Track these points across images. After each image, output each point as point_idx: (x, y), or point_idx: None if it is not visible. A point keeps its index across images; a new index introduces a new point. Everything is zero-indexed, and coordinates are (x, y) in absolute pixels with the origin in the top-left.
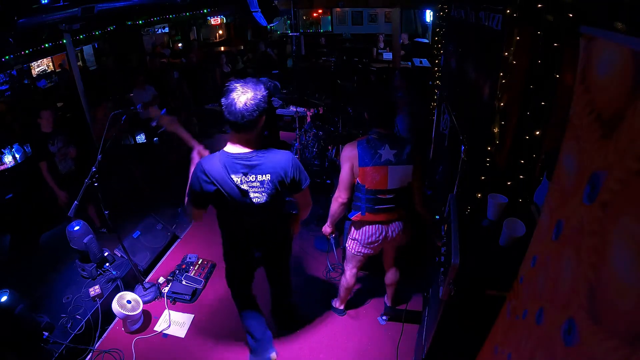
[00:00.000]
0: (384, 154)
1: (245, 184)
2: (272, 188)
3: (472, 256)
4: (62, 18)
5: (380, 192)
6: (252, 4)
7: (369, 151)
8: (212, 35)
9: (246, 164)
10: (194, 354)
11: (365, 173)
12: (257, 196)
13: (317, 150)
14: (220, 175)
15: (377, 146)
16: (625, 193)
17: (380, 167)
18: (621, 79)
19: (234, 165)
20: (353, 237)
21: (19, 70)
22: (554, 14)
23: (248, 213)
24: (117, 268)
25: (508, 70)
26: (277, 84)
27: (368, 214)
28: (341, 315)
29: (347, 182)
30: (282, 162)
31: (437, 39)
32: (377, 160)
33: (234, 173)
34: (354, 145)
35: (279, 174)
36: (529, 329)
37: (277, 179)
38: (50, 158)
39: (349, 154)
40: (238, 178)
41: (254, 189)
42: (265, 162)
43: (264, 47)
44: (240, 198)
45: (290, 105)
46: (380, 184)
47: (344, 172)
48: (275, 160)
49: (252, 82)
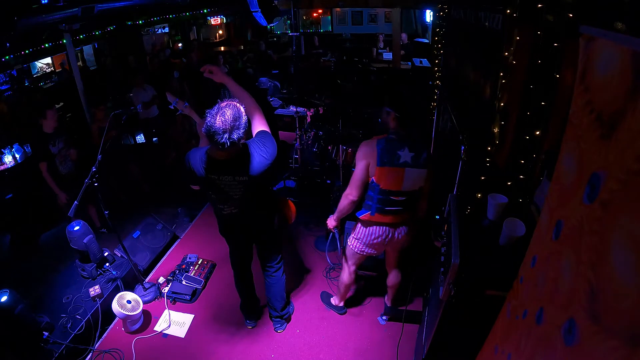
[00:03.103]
0: (403, 156)
1: (220, 181)
2: (251, 185)
3: (472, 256)
4: (62, 18)
5: (393, 194)
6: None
7: (388, 151)
8: (212, 35)
9: (223, 168)
10: (194, 354)
11: (382, 173)
12: (235, 192)
13: (317, 150)
14: (198, 169)
15: (396, 147)
16: (625, 193)
17: (398, 169)
18: (621, 79)
19: (210, 166)
20: (357, 236)
21: (19, 70)
22: (554, 14)
23: (227, 204)
24: (117, 268)
25: (508, 70)
26: (277, 84)
27: (377, 214)
28: (341, 314)
29: (361, 180)
30: (263, 162)
31: (437, 39)
32: (396, 161)
33: (210, 173)
34: (373, 144)
35: (259, 172)
36: (529, 329)
37: (256, 178)
38: (50, 159)
39: (368, 152)
40: (214, 177)
41: (232, 187)
42: (245, 165)
43: (264, 46)
44: (217, 193)
45: (290, 105)
46: (395, 185)
47: (359, 170)
48: (255, 162)
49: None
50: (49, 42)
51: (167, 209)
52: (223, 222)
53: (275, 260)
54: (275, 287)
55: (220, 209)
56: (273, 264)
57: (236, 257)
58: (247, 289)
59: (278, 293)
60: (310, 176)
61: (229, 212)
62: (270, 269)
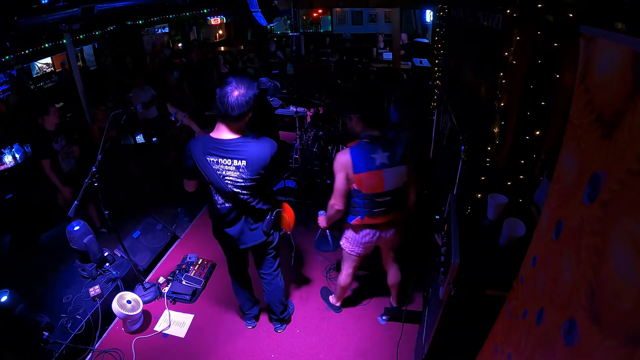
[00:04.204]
0: (378, 158)
1: (219, 165)
2: (248, 175)
3: (472, 256)
4: (62, 18)
5: (378, 196)
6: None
7: (362, 157)
8: (212, 35)
9: (223, 148)
10: (194, 354)
11: (361, 179)
12: (232, 180)
13: (317, 150)
14: (198, 154)
15: (370, 150)
16: (625, 193)
17: (376, 172)
18: (621, 79)
19: (211, 148)
20: (347, 237)
21: (19, 70)
22: (554, 14)
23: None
24: (117, 268)
25: (508, 70)
26: (277, 84)
27: (367, 217)
28: (337, 312)
29: (343, 190)
30: (262, 152)
31: (437, 39)
32: (372, 165)
33: (209, 155)
34: (347, 153)
35: (257, 162)
36: (529, 329)
37: (254, 167)
38: (53, 156)
39: (342, 162)
40: (213, 159)
41: (229, 172)
42: (244, 149)
43: (274, 47)
44: (214, 178)
45: (290, 105)
46: (376, 188)
47: (339, 181)
48: (254, 149)
49: (247, 81)
50: (49, 42)
51: (167, 209)
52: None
53: (272, 268)
54: (274, 294)
55: (215, 202)
56: (270, 272)
57: (232, 263)
58: (245, 293)
59: (277, 299)
60: (310, 176)
61: (222, 205)
62: (267, 277)
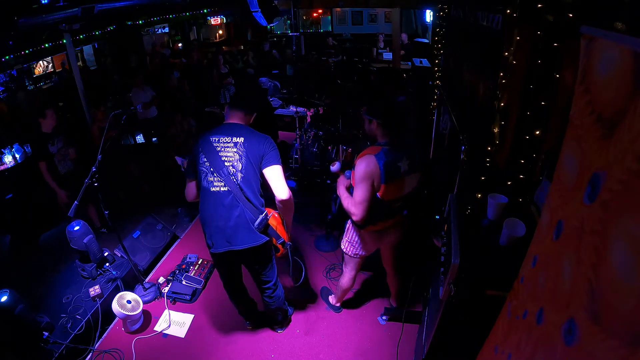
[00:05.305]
0: (402, 166)
1: (219, 143)
2: (245, 152)
3: (472, 256)
4: (62, 18)
5: (393, 202)
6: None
7: (390, 166)
8: (212, 35)
9: (226, 128)
10: (194, 354)
11: (387, 188)
12: (228, 158)
13: (317, 150)
14: (204, 136)
15: (397, 159)
16: (625, 193)
17: (401, 180)
18: (621, 79)
19: (217, 129)
20: (350, 240)
21: (19, 70)
22: (554, 14)
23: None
24: (117, 268)
25: (508, 70)
26: (277, 84)
27: (380, 222)
28: (337, 312)
29: (368, 200)
30: (259, 135)
31: (437, 39)
32: (398, 174)
33: (213, 135)
34: (374, 161)
35: (253, 141)
36: (529, 329)
37: (250, 144)
38: (49, 158)
39: (370, 172)
40: (215, 138)
41: (227, 149)
42: (243, 130)
43: (268, 47)
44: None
45: (290, 105)
46: (397, 194)
47: (365, 191)
48: (253, 135)
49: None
50: (49, 42)
51: (167, 209)
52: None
53: (271, 282)
54: (274, 305)
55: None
56: (270, 285)
57: (224, 273)
58: (242, 304)
59: (277, 309)
60: (310, 176)
61: (217, 189)
62: (267, 291)
